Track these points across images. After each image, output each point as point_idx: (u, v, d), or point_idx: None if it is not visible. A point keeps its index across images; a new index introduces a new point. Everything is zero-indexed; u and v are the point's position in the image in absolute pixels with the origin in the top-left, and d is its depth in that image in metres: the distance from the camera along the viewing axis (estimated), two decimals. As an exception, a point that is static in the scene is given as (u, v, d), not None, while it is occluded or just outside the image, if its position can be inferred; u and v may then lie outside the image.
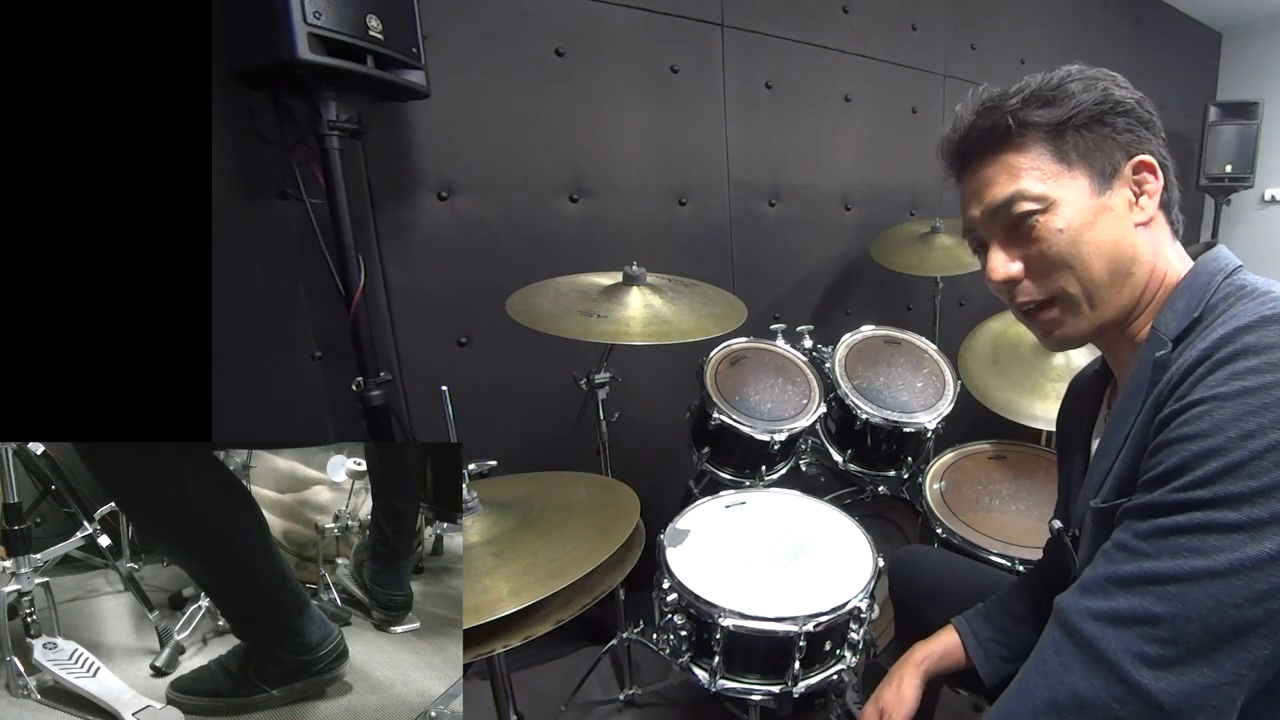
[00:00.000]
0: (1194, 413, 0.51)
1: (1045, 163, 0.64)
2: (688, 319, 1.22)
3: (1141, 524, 0.53)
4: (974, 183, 0.69)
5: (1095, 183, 0.63)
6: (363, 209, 1.44)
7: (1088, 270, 0.64)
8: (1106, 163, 0.64)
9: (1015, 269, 0.67)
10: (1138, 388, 0.63)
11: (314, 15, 1.02)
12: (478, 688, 1.10)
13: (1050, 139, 0.64)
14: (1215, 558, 0.47)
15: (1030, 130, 0.64)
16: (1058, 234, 0.63)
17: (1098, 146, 0.63)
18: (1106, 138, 0.64)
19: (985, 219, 0.68)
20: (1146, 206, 0.65)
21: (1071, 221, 0.63)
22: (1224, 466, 0.48)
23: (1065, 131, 0.63)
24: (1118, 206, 0.64)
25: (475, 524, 0.86)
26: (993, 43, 2.60)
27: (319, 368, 1.46)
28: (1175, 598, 0.49)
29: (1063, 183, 0.63)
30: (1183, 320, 0.61)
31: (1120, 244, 0.64)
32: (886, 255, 2.08)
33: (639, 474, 1.26)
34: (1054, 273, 0.65)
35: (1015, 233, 0.66)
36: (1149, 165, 0.64)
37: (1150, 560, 0.51)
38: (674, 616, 1.10)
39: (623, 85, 1.76)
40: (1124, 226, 0.64)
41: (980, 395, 1.58)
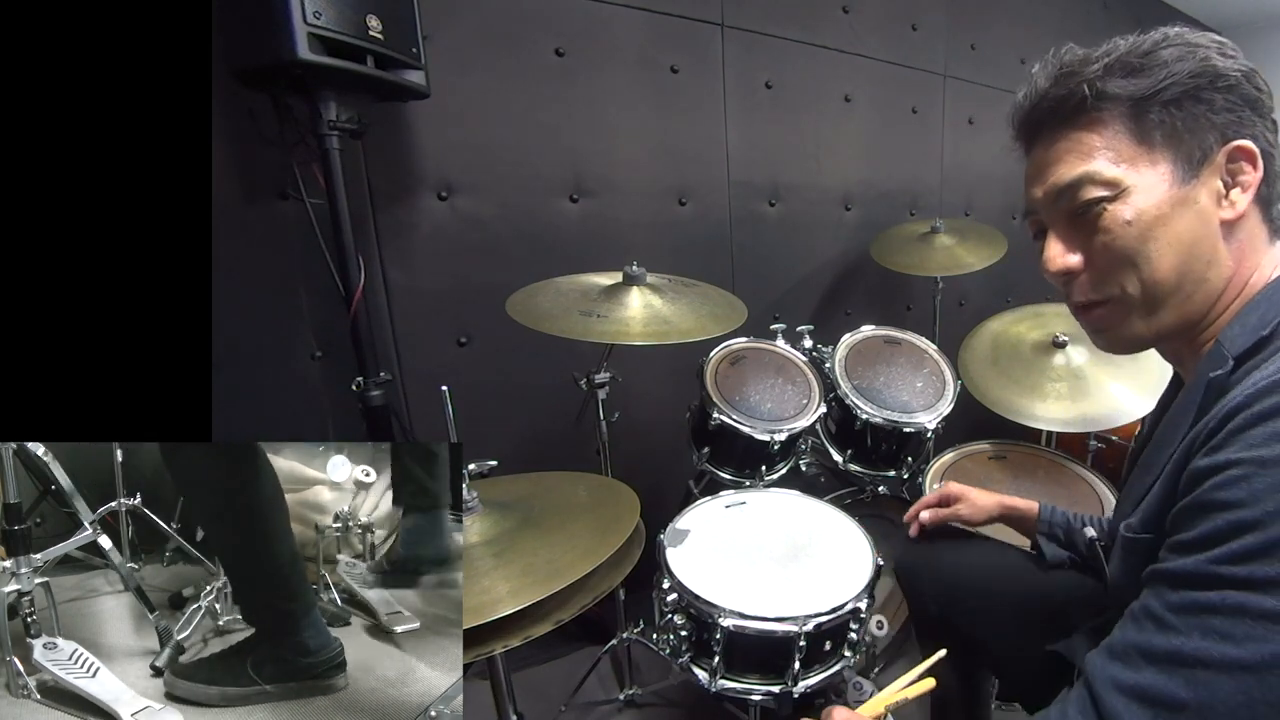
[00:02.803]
0: (1229, 475, 0.46)
1: (1122, 143, 0.56)
2: (688, 319, 1.22)
3: (1174, 594, 0.49)
4: (1039, 159, 0.61)
5: (1179, 169, 0.55)
6: (363, 209, 1.44)
7: (1153, 271, 0.56)
8: (1196, 146, 0.55)
9: (1074, 261, 0.60)
10: (1186, 407, 0.57)
11: (314, 15, 1.02)
12: (478, 688, 1.10)
13: (1131, 115, 0.56)
14: (1247, 647, 0.44)
15: (1109, 103, 0.56)
16: (1125, 226, 0.56)
17: (1188, 127, 0.55)
18: (1200, 117, 0.55)
19: (1047, 201, 0.61)
20: (1238, 201, 0.56)
21: (1143, 213, 0.55)
22: (1260, 545, 0.44)
23: (1150, 107, 0.55)
24: (1202, 199, 0.56)
25: (475, 524, 0.86)
26: (993, 43, 2.60)
27: (319, 368, 1.46)
28: (1203, 685, 0.45)
29: (1140, 168, 0.56)
30: (1250, 336, 0.54)
31: (1198, 244, 0.56)
32: (886, 255, 2.08)
33: (639, 474, 1.26)
34: (1116, 270, 0.58)
35: (1078, 220, 0.59)
36: (1248, 152, 0.55)
37: (1180, 637, 0.47)
38: (674, 616, 1.10)
39: (623, 85, 1.76)
40: (1205, 223, 0.56)
41: (980, 395, 1.58)
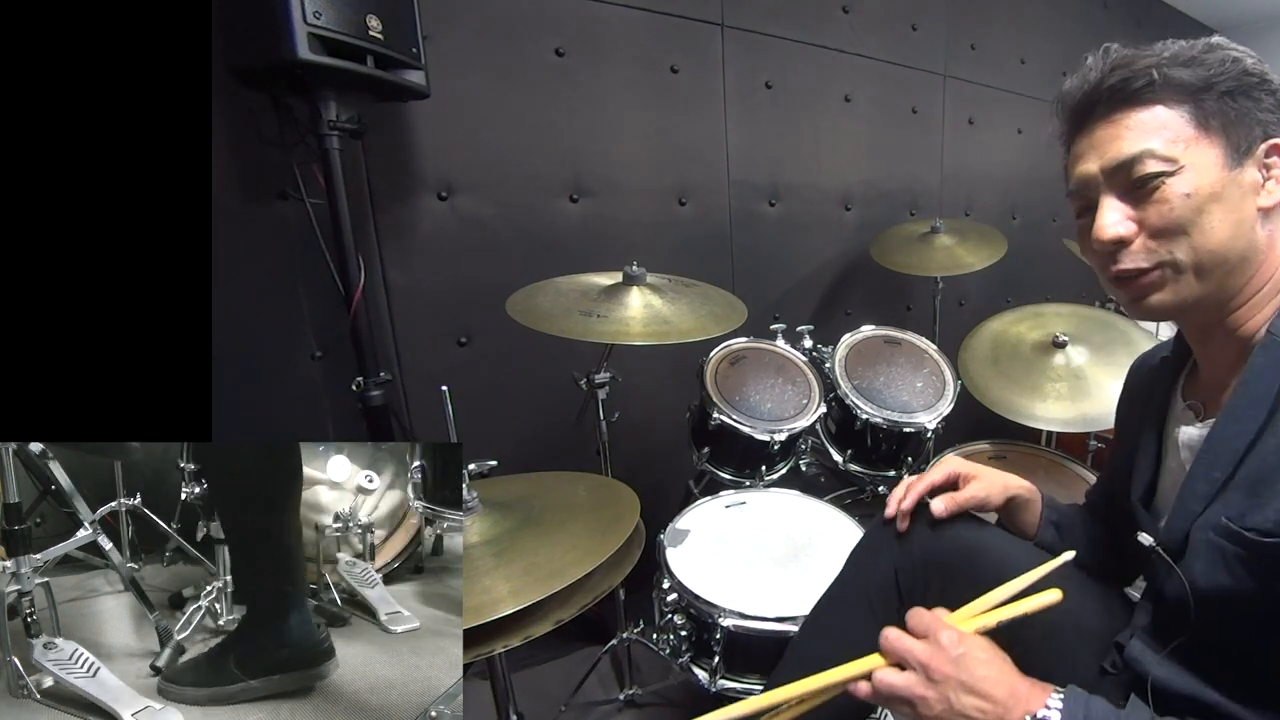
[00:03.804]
0: None
1: (1182, 125, 0.60)
2: (688, 319, 1.22)
3: None
4: (1094, 138, 0.64)
5: (1229, 156, 0.60)
6: (363, 209, 1.44)
7: (1206, 240, 0.60)
8: (1244, 138, 0.60)
9: (1129, 229, 0.62)
10: (1259, 395, 0.59)
11: (314, 15, 1.02)
12: (478, 688, 1.10)
13: (1192, 100, 0.60)
14: None
15: (1172, 88, 0.60)
16: (1184, 199, 0.59)
17: (1239, 119, 0.60)
18: (1248, 111, 0.60)
19: (1104, 175, 0.63)
20: (1274, 191, 0.61)
21: (1199, 189, 0.59)
22: None
23: (1209, 96, 0.60)
24: (1245, 185, 0.60)
25: (475, 524, 0.86)
26: (993, 43, 2.60)
27: (319, 368, 1.45)
28: None
29: (1197, 149, 0.60)
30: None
31: (1242, 222, 0.60)
32: (886, 255, 2.08)
33: (639, 474, 1.26)
34: (1170, 238, 0.61)
35: (1135, 193, 0.62)
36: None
37: None
38: (674, 616, 1.10)
39: (623, 85, 1.76)
40: (1247, 207, 0.61)
41: (980, 395, 1.58)
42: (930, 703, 0.59)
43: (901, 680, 0.61)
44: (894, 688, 0.61)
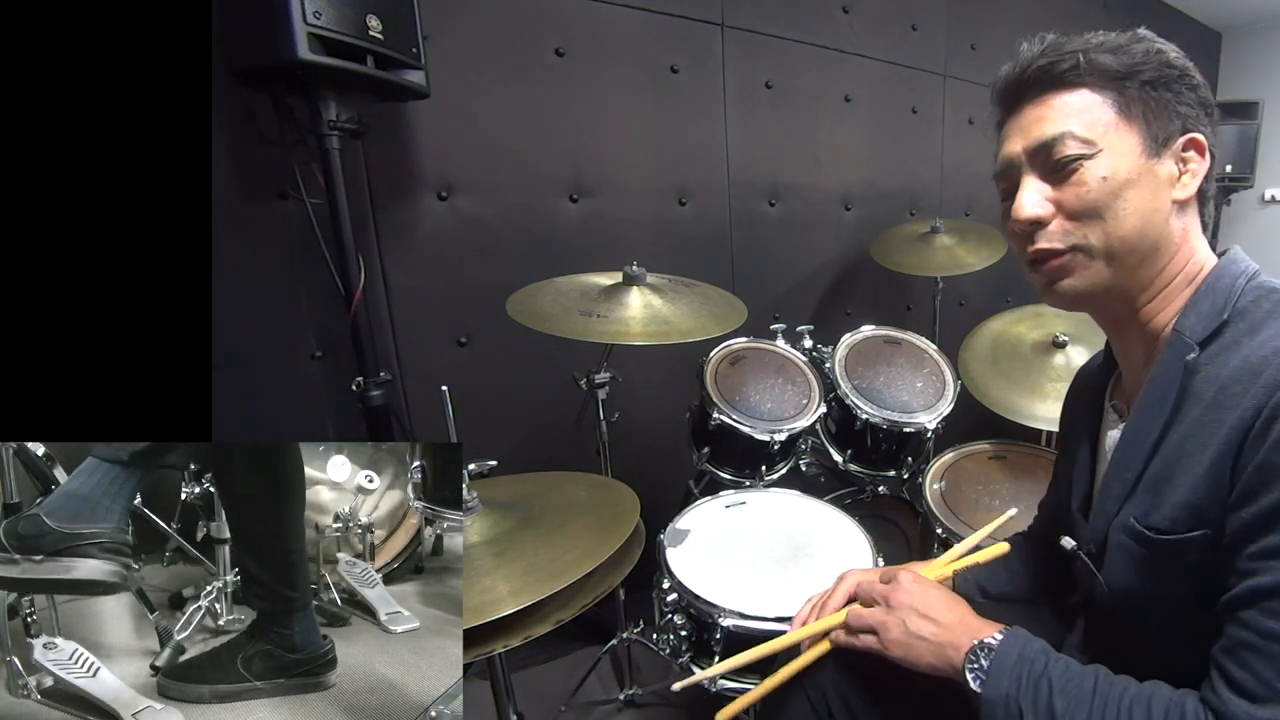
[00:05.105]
0: None
1: (1104, 110, 0.61)
2: (688, 319, 1.22)
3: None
4: (1020, 119, 0.65)
5: (1148, 145, 0.61)
6: (363, 209, 1.44)
7: (1119, 226, 0.60)
8: (1163, 129, 0.61)
9: (1046, 210, 0.63)
10: (1165, 392, 0.60)
11: (314, 15, 1.02)
12: (478, 688, 1.10)
13: (1115, 86, 0.61)
14: None
15: (1097, 73, 0.61)
16: (1100, 182, 0.60)
17: (1159, 110, 0.61)
18: (1169, 104, 0.61)
19: (1026, 156, 0.64)
20: (1188, 185, 0.62)
21: (1115, 173, 0.60)
22: None
23: (1132, 84, 0.61)
24: (1161, 176, 0.61)
25: (475, 524, 0.86)
26: (993, 43, 2.60)
27: (319, 368, 1.46)
28: None
29: (1117, 134, 0.61)
30: (1209, 322, 0.59)
31: (1155, 212, 0.61)
32: (886, 255, 2.08)
33: (639, 474, 1.26)
34: (1085, 220, 0.62)
35: (1054, 175, 0.63)
36: (1199, 145, 0.62)
37: None
38: (674, 616, 1.10)
39: (623, 85, 1.77)
40: (1161, 198, 0.61)
41: (980, 395, 1.58)
42: (889, 626, 0.68)
43: (868, 611, 0.71)
44: (861, 617, 0.71)
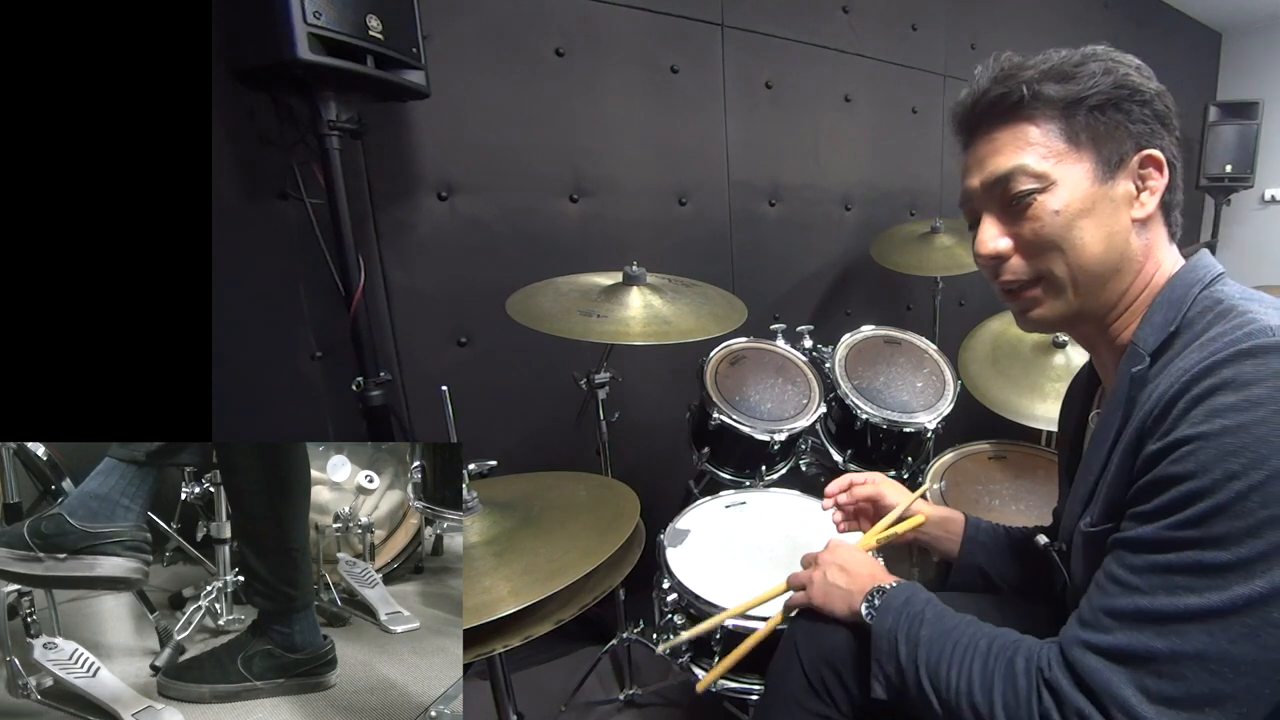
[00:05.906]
0: (1180, 452, 0.51)
1: (1053, 140, 0.62)
2: (688, 319, 1.22)
3: (1135, 558, 0.53)
4: (978, 151, 0.67)
5: (1100, 169, 0.62)
6: (363, 209, 1.44)
7: (1078, 255, 0.62)
8: (1115, 151, 0.62)
9: (1004, 245, 0.65)
10: (1117, 403, 0.62)
11: (314, 15, 1.02)
12: (478, 688, 1.10)
13: (1062, 116, 0.62)
14: (1209, 596, 0.48)
15: (1043, 104, 0.62)
16: (1053, 215, 0.62)
17: (1109, 133, 0.62)
18: (1119, 125, 0.62)
19: (982, 191, 0.66)
20: (1147, 203, 0.63)
21: (1069, 204, 0.61)
22: (1211, 508, 0.48)
23: (1078, 111, 0.61)
24: (1117, 198, 0.62)
25: (475, 524, 0.86)
26: (993, 43, 2.56)
27: (319, 368, 1.45)
28: (1174, 634, 0.49)
29: (1066, 163, 0.62)
30: (1159, 334, 0.61)
31: (1114, 236, 0.62)
32: (886, 255, 2.08)
33: (639, 474, 1.26)
34: (1044, 253, 0.63)
35: (1010, 209, 0.64)
36: (1156, 160, 0.63)
37: (1145, 596, 0.51)
38: (674, 616, 1.10)
39: (623, 85, 1.76)
40: (1120, 220, 0.62)
41: (980, 395, 1.58)
42: (814, 580, 0.82)
43: (802, 571, 0.87)
44: (796, 577, 0.87)
